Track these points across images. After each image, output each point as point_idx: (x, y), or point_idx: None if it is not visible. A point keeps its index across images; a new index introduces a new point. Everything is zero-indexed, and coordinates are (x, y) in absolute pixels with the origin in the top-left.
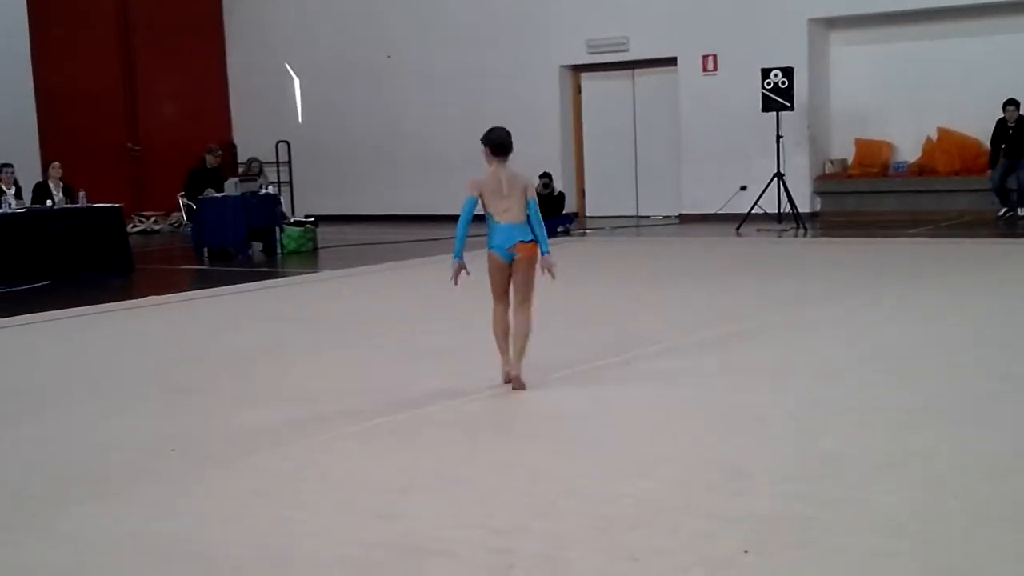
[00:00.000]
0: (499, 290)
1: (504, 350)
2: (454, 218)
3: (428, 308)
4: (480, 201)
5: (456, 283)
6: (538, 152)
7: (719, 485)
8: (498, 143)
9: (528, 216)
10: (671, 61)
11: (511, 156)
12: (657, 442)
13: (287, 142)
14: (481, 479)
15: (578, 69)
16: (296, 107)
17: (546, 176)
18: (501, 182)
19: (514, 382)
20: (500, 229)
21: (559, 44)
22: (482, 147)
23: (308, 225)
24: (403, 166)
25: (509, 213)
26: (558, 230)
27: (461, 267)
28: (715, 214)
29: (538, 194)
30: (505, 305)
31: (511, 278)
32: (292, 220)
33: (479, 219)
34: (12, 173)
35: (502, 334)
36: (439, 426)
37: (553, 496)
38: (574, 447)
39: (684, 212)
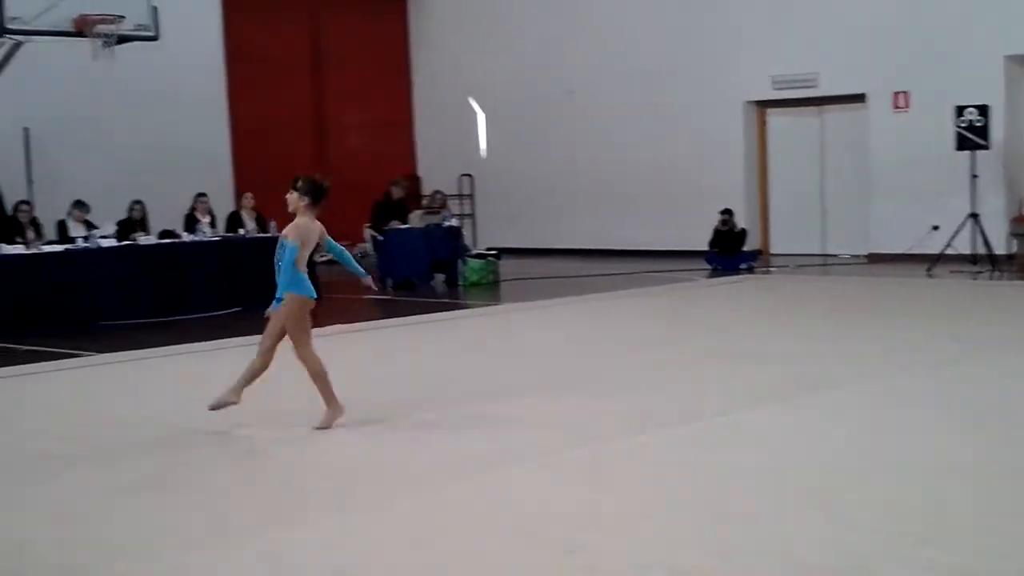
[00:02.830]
0: (310, 332)
1: (332, 393)
2: (636, 253)
3: (610, 341)
4: (300, 249)
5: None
6: (720, 188)
7: (916, 535)
8: (322, 192)
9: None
10: (860, 98)
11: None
12: (847, 486)
13: (470, 175)
14: (665, 516)
15: (764, 105)
16: (480, 141)
17: (727, 212)
18: (317, 233)
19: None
20: (305, 279)
21: (744, 79)
22: (300, 196)
23: (490, 257)
24: (585, 200)
25: (306, 264)
26: (740, 267)
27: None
28: (905, 254)
29: (717, 231)
30: None
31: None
32: (474, 252)
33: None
34: (207, 202)
35: (325, 375)
36: (625, 462)
37: (738, 537)
38: (759, 484)
39: (872, 251)
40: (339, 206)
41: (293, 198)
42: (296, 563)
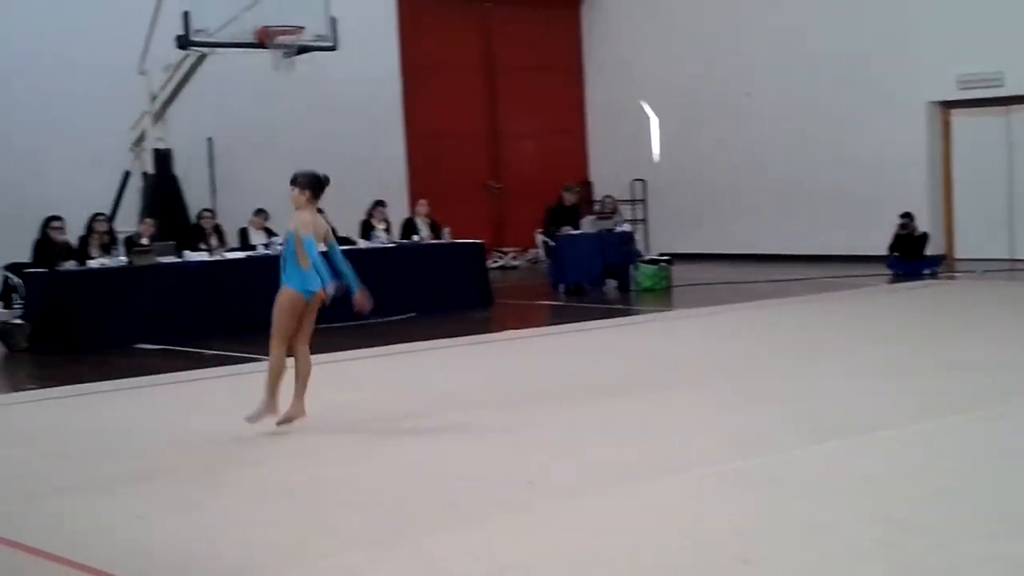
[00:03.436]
0: (291, 329)
1: (276, 392)
2: (813, 258)
3: (780, 350)
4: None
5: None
6: (901, 190)
7: None
8: (322, 186)
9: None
10: None
11: None
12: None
13: (643, 180)
14: (845, 528)
15: (948, 105)
16: (652, 145)
17: (907, 216)
18: (320, 228)
19: (298, 418)
20: (307, 274)
21: (927, 79)
22: (301, 191)
23: (662, 263)
24: (760, 205)
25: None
26: (923, 272)
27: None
28: None
29: (898, 235)
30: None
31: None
32: (646, 258)
33: None
34: (384, 211)
35: (280, 375)
36: (801, 471)
37: (921, 552)
38: (943, 497)
39: None
40: (512, 212)
41: (295, 194)
42: (458, 567)
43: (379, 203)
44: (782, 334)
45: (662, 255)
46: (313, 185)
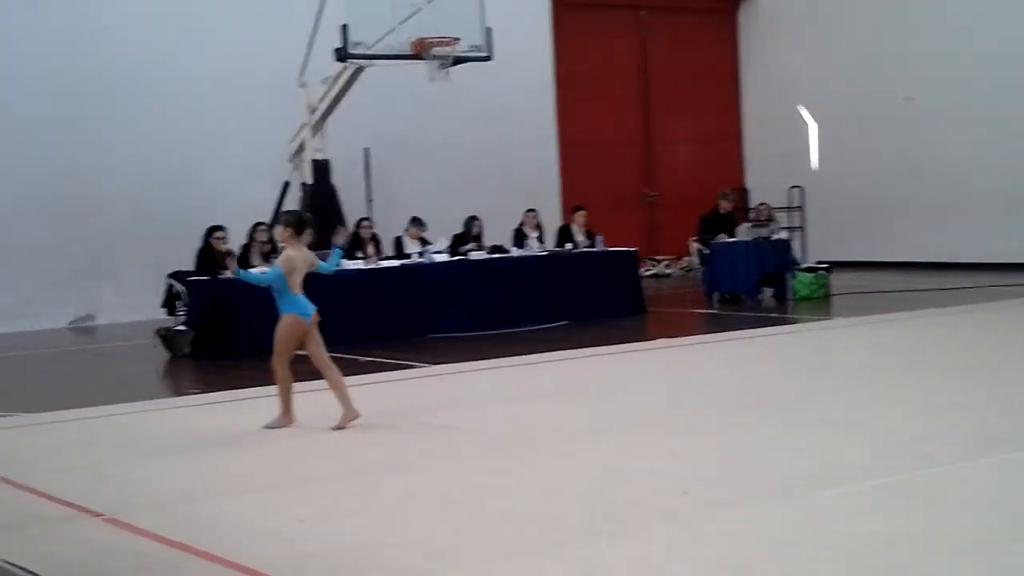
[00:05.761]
0: (293, 350)
1: (289, 403)
2: (979, 266)
3: (941, 360)
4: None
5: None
6: None
7: None
8: (303, 223)
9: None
10: None
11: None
12: None
13: (800, 187)
14: (1008, 545)
15: None
16: (810, 152)
17: None
18: (303, 260)
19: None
20: (300, 300)
21: None
22: (285, 228)
23: (820, 271)
24: (923, 211)
25: (300, 287)
26: None
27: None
28: None
29: None
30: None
31: (302, 340)
32: (804, 266)
33: None
34: (536, 216)
35: (289, 387)
36: (963, 486)
37: None
38: None
39: None
40: (665, 219)
41: (279, 231)
42: None
43: (530, 210)
44: (943, 344)
45: (820, 263)
46: (295, 223)
